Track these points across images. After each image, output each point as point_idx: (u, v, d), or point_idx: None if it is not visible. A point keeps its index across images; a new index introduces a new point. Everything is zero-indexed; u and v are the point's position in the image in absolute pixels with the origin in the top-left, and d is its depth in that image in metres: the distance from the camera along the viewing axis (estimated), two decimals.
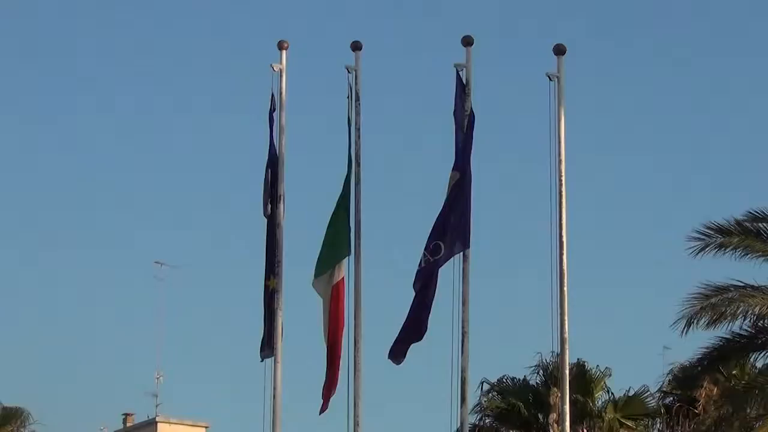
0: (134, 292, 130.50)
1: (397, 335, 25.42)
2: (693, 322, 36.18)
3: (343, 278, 26.23)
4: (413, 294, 25.44)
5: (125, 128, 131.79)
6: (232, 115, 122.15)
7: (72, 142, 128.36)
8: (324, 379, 26.18)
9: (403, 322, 25.44)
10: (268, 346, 26.39)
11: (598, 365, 55.95)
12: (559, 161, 26.55)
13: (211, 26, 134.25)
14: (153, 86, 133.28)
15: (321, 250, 26.34)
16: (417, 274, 25.55)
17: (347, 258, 26.25)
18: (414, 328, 25.45)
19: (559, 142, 26.53)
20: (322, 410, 26.26)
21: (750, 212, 36.34)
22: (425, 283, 25.47)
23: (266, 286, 26.70)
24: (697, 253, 36.22)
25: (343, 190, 26.45)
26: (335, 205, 26.43)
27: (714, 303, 36.02)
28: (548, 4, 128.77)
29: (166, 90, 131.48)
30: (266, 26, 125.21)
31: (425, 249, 25.55)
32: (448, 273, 25.33)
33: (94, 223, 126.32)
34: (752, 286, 36.23)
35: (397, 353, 25.58)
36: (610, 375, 56.29)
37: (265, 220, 27.01)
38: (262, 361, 26.64)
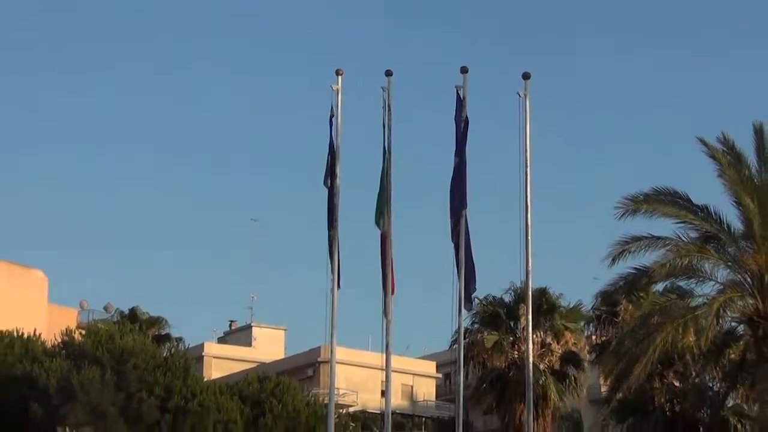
0: (238, 240, 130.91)
1: (464, 290, 25.61)
2: (616, 259, 36.22)
3: (387, 231, 26.26)
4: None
5: (238, 128, 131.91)
6: (302, 120, 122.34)
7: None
8: (382, 300, 26.11)
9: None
10: (332, 278, 26.52)
11: (556, 291, 56.41)
12: (526, 150, 26.64)
13: (289, 60, 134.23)
14: (254, 95, 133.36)
15: (376, 210, 26.37)
16: (452, 231, 25.83)
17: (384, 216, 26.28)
18: (472, 278, 25.65)
19: (526, 136, 26.65)
20: (385, 321, 26.16)
21: (654, 188, 36.37)
22: (466, 244, 25.65)
23: (329, 235, 26.81)
24: (621, 217, 36.14)
25: (382, 171, 26.45)
26: (380, 180, 26.40)
27: (630, 247, 36.05)
28: (519, 41, 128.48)
29: (265, 98, 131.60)
30: (327, 58, 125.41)
31: (450, 216, 25.86)
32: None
33: (217, 191, 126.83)
34: (657, 237, 36.22)
35: (468, 303, 26.05)
36: (563, 297, 56.62)
37: (326, 189, 27.00)
38: (339, 289, 26.57)
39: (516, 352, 53.83)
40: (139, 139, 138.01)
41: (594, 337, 56.36)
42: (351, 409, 75.03)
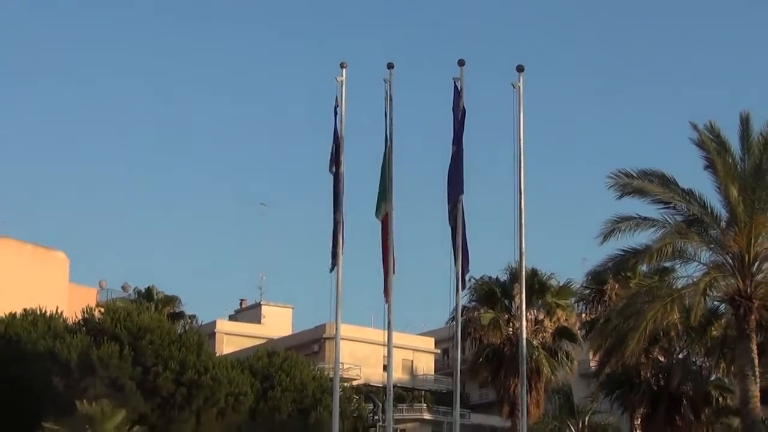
0: (249, 223, 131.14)
1: (461, 269, 25.22)
2: (608, 237, 36.19)
3: (387, 214, 26.01)
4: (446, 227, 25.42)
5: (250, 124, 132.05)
6: (308, 110, 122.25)
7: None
8: (383, 281, 25.78)
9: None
10: (333, 261, 26.10)
11: (547, 271, 56.39)
12: (520, 138, 26.49)
13: (297, 53, 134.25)
14: (266, 85, 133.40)
15: (378, 195, 26.08)
16: (449, 215, 25.55)
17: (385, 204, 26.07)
18: (466, 260, 25.40)
19: (520, 123, 26.52)
20: (387, 301, 25.83)
21: (643, 170, 36.28)
22: (455, 225, 25.42)
23: (334, 219, 26.54)
24: (611, 187, 36.04)
25: (384, 159, 26.28)
26: (381, 167, 26.21)
27: (619, 227, 35.99)
28: (514, 37, 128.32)
29: (275, 89, 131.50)
30: (332, 53, 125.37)
31: (448, 201, 25.61)
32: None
33: (228, 177, 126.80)
34: (644, 218, 36.19)
35: (462, 282, 25.61)
36: (553, 277, 56.57)
37: (331, 175, 26.79)
38: (331, 271, 26.20)
39: (510, 329, 53.78)
40: (156, 125, 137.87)
41: (584, 315, 56.32)
42: (355, 383, 74.95)
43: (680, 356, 48.88)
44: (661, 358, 49.08)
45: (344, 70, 27.39)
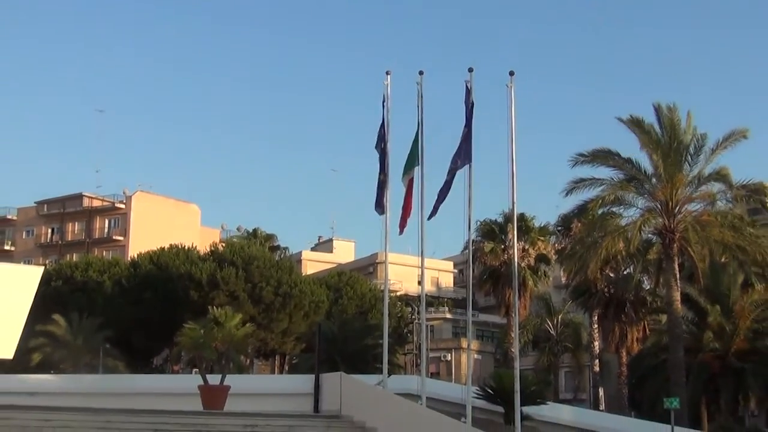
0: (323, 184, 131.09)
1: (435, 204, 24.94)
2: (569, 194, 36.34)
3: (413, 177, 25.93)
4: (443, 182, 25.13)
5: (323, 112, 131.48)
6: (365, 105, 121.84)
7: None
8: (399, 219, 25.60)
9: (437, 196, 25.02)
10: (379, 207, 26.03)
11: (531, 214, 56.46)
12: (511, 122, 26.34)
13: (352, 63, 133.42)
14: (340, 88, 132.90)
15: (405, 164, 25.97)
16: (448, 175, 25.36)
17: (417, 167, 25.98)
18: (441, 198, 25.11)
19: (512, 112, 26.34)
20: (401, 232, 25.69)
21: (595, 149, 36.38)
22: (448, 179, 25.25)
23: (380, 179, 26.57)
24: (573, 166, 36.12)
25: (415, 137, 26.26)
26: (412, 143, 26.11)
27: (578, 186, 36.11)
28: (508, 49, 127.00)
29: (345, 91, 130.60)
30: (382, 61, 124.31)
31: (452, 162, 25.44)
32: (463, 175, 25.15)
33: (310, 150, 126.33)
34: (596, 179, 36.33)
35: (432, 213, 25.14)
36: (536, 218, 56.67)
37: (378, 151, 26.78)
38: (381, 214, 25.95)
39: (505, 255, 54.00)
40: (255, 110, 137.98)
41: (556, 245, 56.49)
42: (398, 293, 75.52)
43: (625, 273, 49.02)
44: (612, 275, 49.21)
45: (389, 75, 27.39)
